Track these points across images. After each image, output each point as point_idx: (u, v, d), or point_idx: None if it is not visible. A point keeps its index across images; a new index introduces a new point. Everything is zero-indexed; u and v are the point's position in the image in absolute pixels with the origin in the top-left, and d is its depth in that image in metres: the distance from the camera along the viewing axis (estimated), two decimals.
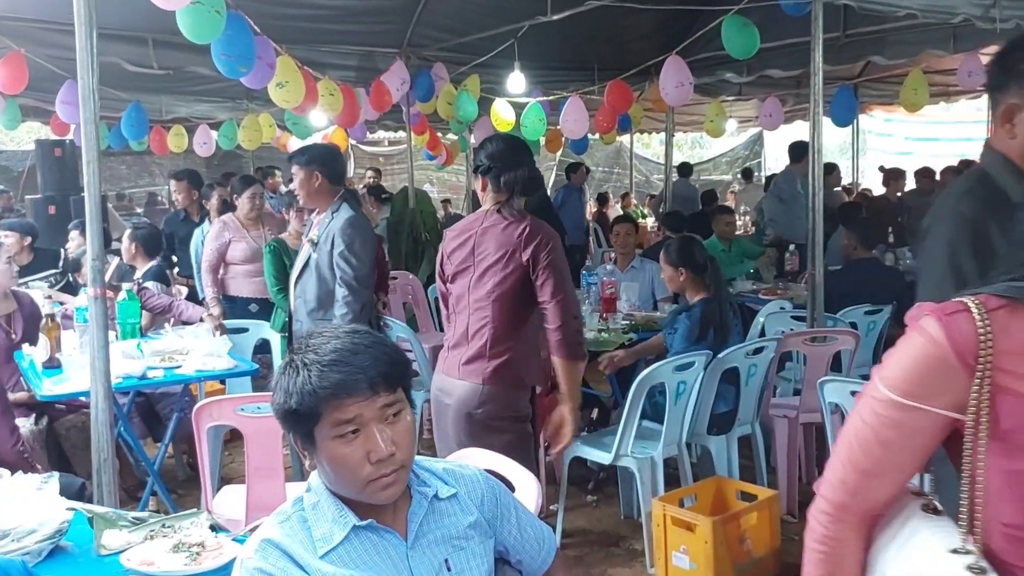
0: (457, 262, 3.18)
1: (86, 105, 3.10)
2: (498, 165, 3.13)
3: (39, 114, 8.51)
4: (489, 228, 3.11)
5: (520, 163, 3.14)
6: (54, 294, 5.53)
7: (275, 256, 4.81)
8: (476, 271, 3.11)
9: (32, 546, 2.08)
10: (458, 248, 3.19)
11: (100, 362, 3.17)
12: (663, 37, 7.53)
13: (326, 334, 1.58)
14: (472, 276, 3.13)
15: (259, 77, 5.16)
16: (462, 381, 3.10)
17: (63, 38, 5.06)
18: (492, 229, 3.10)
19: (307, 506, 1.60)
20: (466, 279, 3.15)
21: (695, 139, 23.24)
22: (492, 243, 3.08)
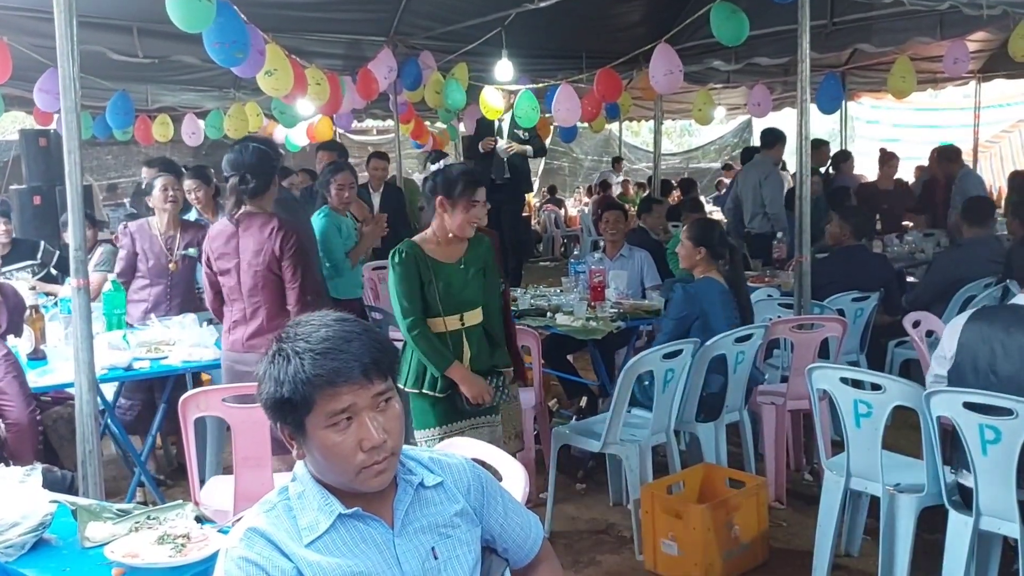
0: (221, 259, 3.78)
1: (67, 94, 3.07)
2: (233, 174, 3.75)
3: (23, 103, 8.43)
4: (248, 231, 3.75)
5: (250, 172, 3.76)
6: (39, 285, 5.50)
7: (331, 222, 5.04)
8: (247, 267, 3.74)
9: (15, 539, 2.06)
10: (222, 247, 3.78)
11: (84, 353, 3.15)
12: (651, 25, 7.53)
13: (314, 322, 1.57)
14: (240, 271, 3.75)
15: (250, 65, 5.12)
16: (250, 354, 3.68)
17: (46, 26, 4.99)
18: (248, 231, 3.75)
19: (293, 495, 1.59)
20: (234, 273, 3.77)
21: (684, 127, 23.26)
22: (252, 242, 3.72)
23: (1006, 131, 15.67)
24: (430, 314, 3.34)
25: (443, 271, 3.35)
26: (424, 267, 3.32)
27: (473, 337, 3.43)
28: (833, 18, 6.97)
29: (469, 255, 3.43)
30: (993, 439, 2.83)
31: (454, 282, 3.36)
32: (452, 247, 3.40)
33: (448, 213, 3.32)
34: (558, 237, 15.25)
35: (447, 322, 3.36)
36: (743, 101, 11.20)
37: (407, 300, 3.31)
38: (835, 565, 3.47)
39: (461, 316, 3.39)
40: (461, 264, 3.40)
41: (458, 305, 3.37)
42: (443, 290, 3.34)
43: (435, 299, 3.33)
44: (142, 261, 4.73)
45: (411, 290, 3.31)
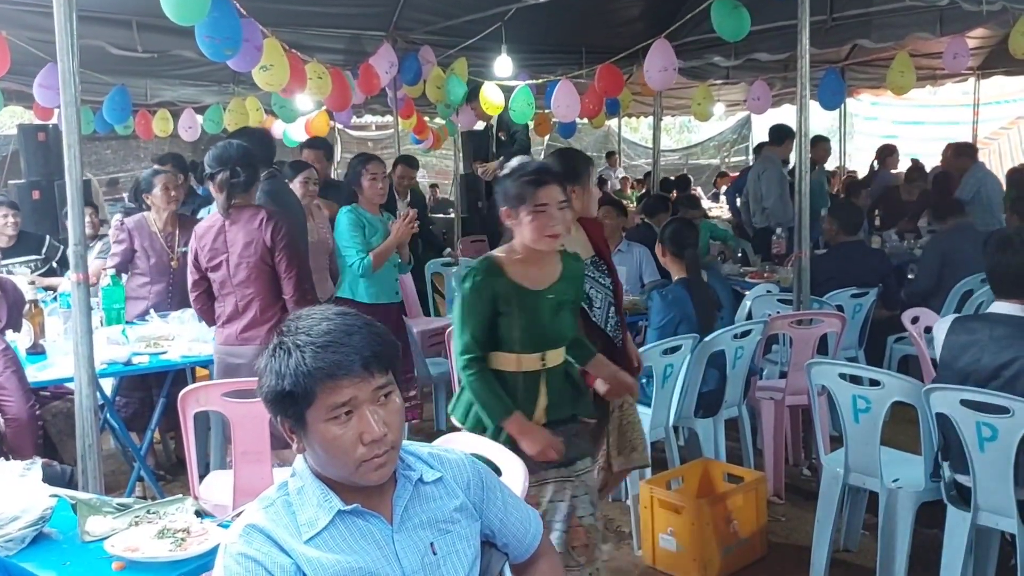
0: (211, 255, 3.77)
1: (66, 88, 3.07)
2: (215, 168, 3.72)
3: (21, 98, 8.42)
4: (236, 224, 3.71)
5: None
6: (38, 279, 5.49)
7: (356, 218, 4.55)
8: (237, 260, 3.72)
9: (15, 533, 2.07)
10: (210, 243, 3.76)
11: (84, 348, 3.15)
12: (651, 20, 7.52)
13: (315, 315, 1.58)
14: (229, 264, 3.73)
15: (246, 60, 5.11)
16: (245, 347, 3.71)
17: (45, 21, 4.99)
18: (236, 225, 3.71)
19: (292, 491, 1.60)
20: (224, 267, 3.75)
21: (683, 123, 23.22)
22: (242, 235, 3.69)
23: (1005, 128, 15.67)
24: (501, 347, 2.72)
25: (528, 300, 2.71)
26: (504, 295, 2.69)
27: (554, 381, 2.80)
28: (833, 14, 6.96)
29: (563, 282, 2.80)
30: (990, 436, 2.84)
31: (541, 315, 2.73)
32: (541, 269, 2.76)
33: (517, 226, 2.72)
34: None
35: (523, 361, 2.74)
36: (743, 97, 11.19)
37: (471, 334, 2.70)
38: (833, 560, 3.48)
39: (543, 355, 2.75)
40: (551, 293, 2.75)
41: (542, 342, 2.75)
42: (526, 324, 2.71)
43: (513, 333, 2.71)
44: (142, 259, 4.73)
45: (479, 324, 2.69)
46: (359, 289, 4.54)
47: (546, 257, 2.75)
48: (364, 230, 4.49)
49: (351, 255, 4.44)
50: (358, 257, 4.42)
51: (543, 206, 2.65)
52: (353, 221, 4.49)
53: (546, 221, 2.65)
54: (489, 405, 2.71)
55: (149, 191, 4.79)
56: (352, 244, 4.45)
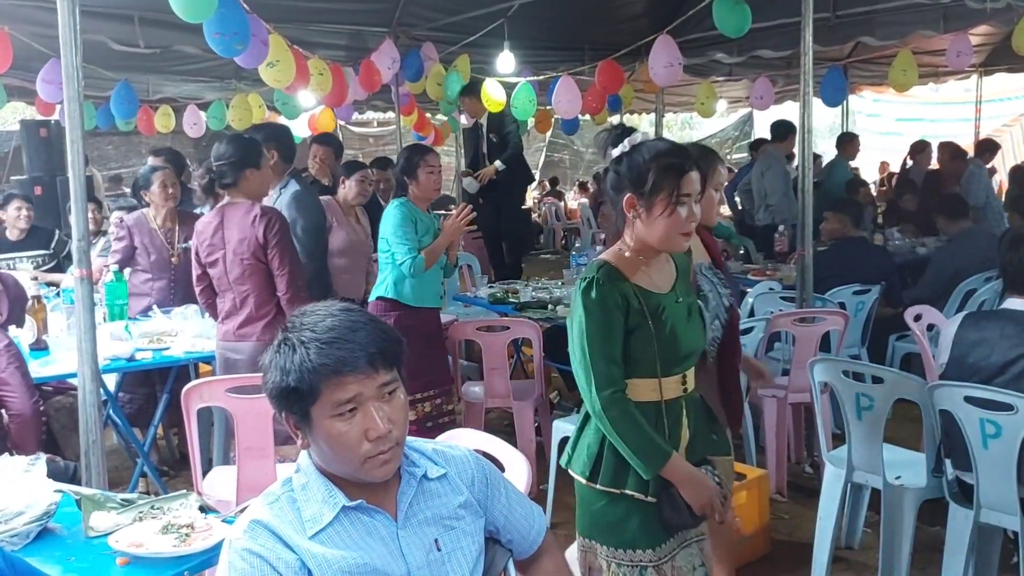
0: (209, 251, 3.77)
1: (69, 83, 3.07)
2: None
3: (24, 94, 8.42)
4: (231, 221, 3.71)
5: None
6: (41, 275, 5.50)
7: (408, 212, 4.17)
8: (233, 256, 3.71)
9: (20, 528, 2.07)
10: (208, 238, 3.76)
11: (87, 344, 3.15)
12: (653, 17, 7.50)
13: (319, 312, 1.57)
14: (226, 261, 3.73)
15: (253, 56, 5.10)
16: (243, 343, 3.72)
17: (47, 16, 4.99)
18: (231, 221, 3.70)
19: (296, 487, 1.60)
20: (221, 263, 3.74)
21: (685, 119, 23.20)
22: (237, 231, 3.68)
23: (1007, 125, 15.66)
24: (637, 373, 2.21)
25: (660, 307, 2.21)
26: (633, 304, 2.18)
27: (692, 409, 2.31)
28: (836, 11, 6.95)
29: (682, 280, 2.33)
30: (994, 434, 2.84)
31: (677, 323, 2.23)
32: (660, 269, 2.28)
33: (642, 218, 2.19)
34: (559, 230, 15.25)
35: (665, 387, 2.22)
36: (745, 94, 11.19)
37: (607, 360, 2.16)
38: (836, 557, 3.48)
39: (683, 376, 2.26)
40: (677, 296, 2.27)
41: (681, 358, 2.25)
42: (664, 336, 2.20)
43: (651, 351, 2.19)
44: (142, 255, 4.74)
45: (616, 344, 2.17)
46: (404, 290, 4.16)
47: (658, 255, 2.27)
48: (416, 226, 4.14)
49: (402, 252, 4.06)
50: (409, 255, 4.05)
51: (685, 197, 2.16)
52: (405, 216, 4.12)
53: (686, 216, 2.16)
54: (646, 450, 2.15)
55: (147, 188, 4.81)
56: (403, 240, 4.07)
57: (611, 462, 2.22)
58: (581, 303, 2.19)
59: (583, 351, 2.18)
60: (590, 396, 2.18)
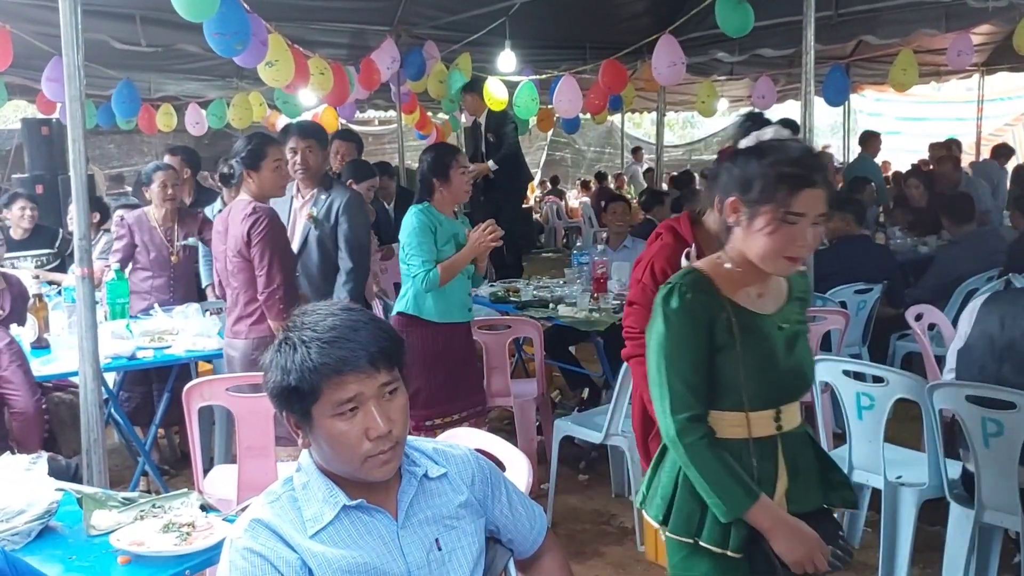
0: (218, 248, 3.83)
1: (71, 82, 3.07)
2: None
3: (25, 92, 8.43)
4: (231, 217, 3.72)
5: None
6: (43, 274, 5.51)
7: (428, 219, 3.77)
8: (227, 253, 3.74)
9: (21, 527, 2.07)
10: (216, 237, 3.83)
11: (88, 342, 3.16)
12: (655, 16, 7.50)
13: (320, 311, 1.57)
14: (225, 257, 3.76)
15: (252, 55, 5.11)
16: (236, 340, 3.75)
17: (49, 15, 4.99)
18: (233, 217, 3.71)
19: (297, 486, 1.60)
20: (223, 260, 3.81)
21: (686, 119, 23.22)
22: (233, 228, 3.69)
23: (1009, 124, 15.65)
24: (721, 404, 1.92)
25: (754, 328, 1.92)
26: (724, 322, 1.90)
27: (793, 449, 1.98)
28: (838, 10, 6.94)
29: (793, 304, 2.02)
30: (996, 432, 2.84)
31: (775, 350, 1.94)
32: (765, 286, 1.97)
33: (746, 228, 1.88)
34: (559, 228, 15.24)
35: (753, 422, 1.92)
36: (747, 93, 11.18)
37: (686, 381, 1.89)
38: None
39: (777, 412, 1.95)
40: (781, 321, 1.97)
41: (777, 391, 1.95)
42: (755, 363, 1.90)
43: (736, 380, 1.90)
44: (143, 253, 4.76)
45: (698, 365, 1.89)
46: (425, 304, 3.75)
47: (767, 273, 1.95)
48: (435, 235, 3.73)
49: (414, 265, 3.68)
50: (423, 269, 3.66)
51: (796, 216, 1.83)
52: (423, 224, 3.70)
53: (794, 237, 1.84)
54: (725, 487, 1.85)
55: (148, 185, 4.83)
56: (418, 252, 3.68)
57: (685, 503, 1.93)
58: (660, 312, 1.92)
59: (658, 368, 1.91)
60: (664, 420, 1.91)
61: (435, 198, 3.80)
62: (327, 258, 4.18)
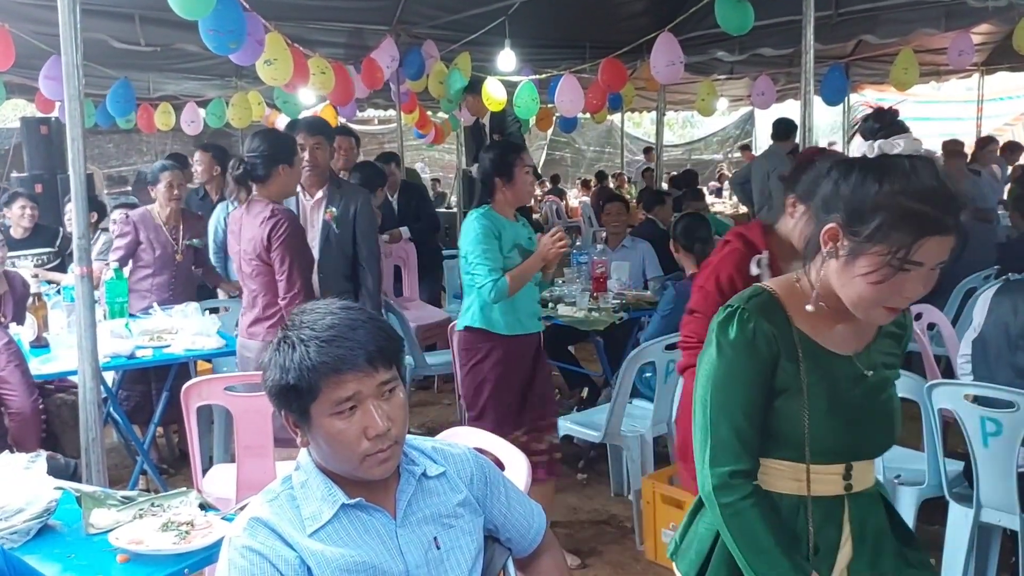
0: (233, 248, 3.82)
1: (70, 81, 3.07)
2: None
3: (24, 91, 8.43)
4: (248, 217, 3.69)
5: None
6: (42, 273, 5.51)
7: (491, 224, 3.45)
8: (243, 254, 3.71)
9: (20, 525, 2.07)
10: (231, 236, 3.83)
11: (88, 341, 3.15)
12: (655, 15, 7.49)
13: (319, 310, 1.57)
14: (240, 258, 3.75)
15: (248, 54, 5.11)
16: (251, 341, 3.72)
17: (48, 14, 4.99)
18: (248, 217, 3.69)
19: (296, 484, 1.60)
20: (238, 260, 3.79)
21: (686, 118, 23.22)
22: (248, 229, 3.67)
23: (1009, 124, 15.66)
24: (777, 452, 1.64)
25: (828, 370, 1.62)
26: (786, 356, 1.60)
27: (864, 514, 1.68)
28: (838, 9, 6.94)
29: (882, 342, 1.70)
30: (995, 431, 2.84)
31: (849, 396, 1.63)
32: (850, 321, 1.63)
33: (843, 265, 1.54)
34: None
35: (816, 477, 1.63)
36: (746, 92, 11.19)
37: (732, 424, 1.60)
38: None
39: (847, 468, 1.64)
40: (866, 364, 1.65)
41: (849, 446, 1.64)
42: (824, 410, 1.60)
43: (798, 428, 1.61)
44: (147, 250, 4.76)
45: (747, 404, 1.60)
46: (494, 316, 3.47)
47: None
48: (500, 241, 3.44)
49: (481, 274, 3.38)
50: (490, 279, 3.36)
51: (915, 265, 1.48)
52: (487, 229, 3.41)
53: (903, 287, 1.49)
54: (768, 560, 1.57)
55: (155, 184, 4.83)
56: (483, 260, 3.38)
57: (723, 566, 1.66)
58: (715, 339, 1.62)
59: (704, 407, 1.62)
60: (701, 470, 1.63)
61: (496, 199, 3.51)
62: (346, 258, 4.17)
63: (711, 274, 2.57)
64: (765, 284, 1.70)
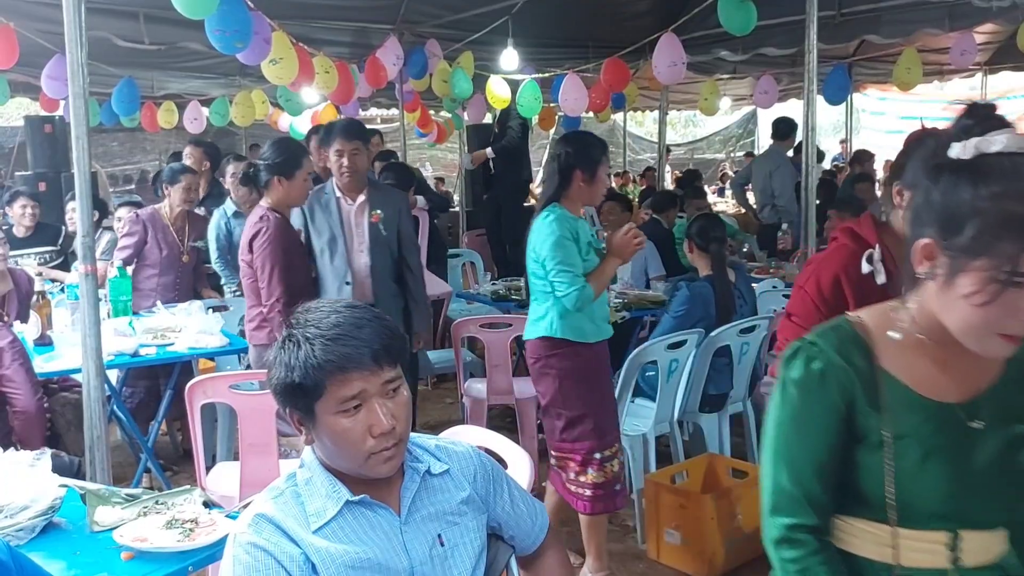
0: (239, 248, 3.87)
1: (75, 80, 3.08)
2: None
3: (28, 90, 8.44)
4: (247, 221, 3.78)
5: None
6: (45, 271, 5.52)
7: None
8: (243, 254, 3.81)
9: (25, 522, 2.08)
10: (243, 238, 3.86)
11: (92, 339, 3.16)
12: (658, 14, 7.49)
13: (324, 308, 1.58)
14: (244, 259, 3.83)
15: (255, 53, 5.11)
16: (249, 343, 3.90)
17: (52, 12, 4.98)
18: (247, 221, 3.77)
19: (300, 481, 1.61)
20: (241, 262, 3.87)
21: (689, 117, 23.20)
22: (244, 235, 3.76)
23: None
24: (857, 511, 1.42)
25: (923, 420, 1.37)
26: (863, 403, 1.37)
27: None
28: (841, 9, 6.94)
29: (1003, 389, 1.39)
30: None
31: (948, 453, 1.36)
32: (959, 361, 1.36)
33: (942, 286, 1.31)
34: None
35: (907, 544, 1.38)
36: (749, 91, 11.18)
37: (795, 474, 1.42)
38: None
39: (953, 537, 1.37)
40: (980, 414, 1.37)
41: (956, 510, 1.36)
42: (912, 465, 1.36)
43: (878, 480, 1.37)
44: (154, 250, 4.78)
45: (817, 455, 1.40)
46: (577, 323, 3.25)
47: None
48: (577, 244, 3.19)
49: (564, 282, 3.13)
50: (575, 287, 3.12)
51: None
52: (565, 232, 3.16)
53: (1018, 307, 1.25)
54: None
55: (172, 184, 4.85)
56: (567, 266, 3.13)
57: None
58: (780, 379, 1.43)
59: (768, 451, 1.45)
60: (764, 517, 1.46)
61: (570, 195, 3.25)
62: (393, 260, 4.15)
63: (812, 274, 2.31)
64: (851, 314, 1.45)
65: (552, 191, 3.27)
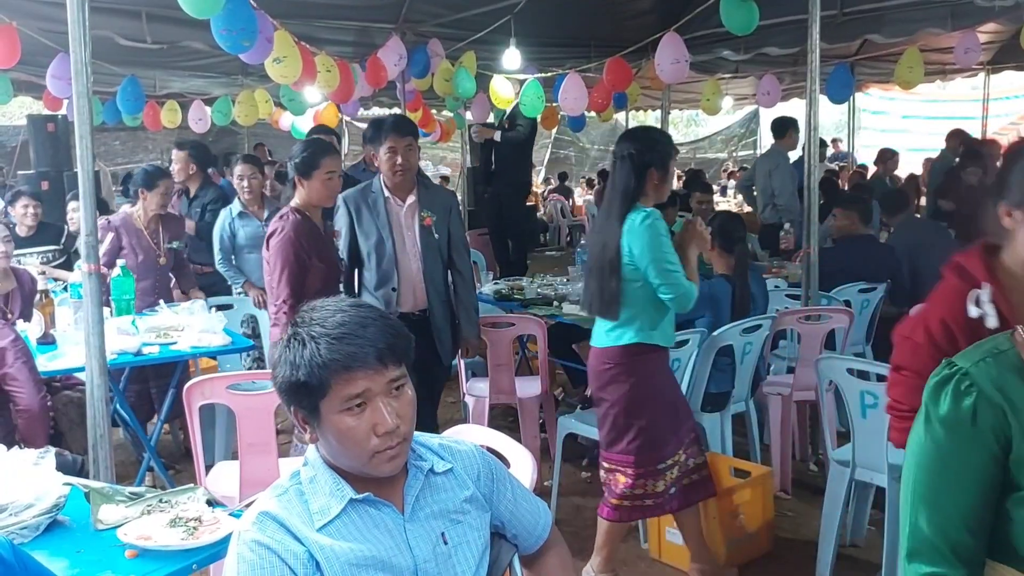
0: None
1: (78, 79, 3.08)
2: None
3: (31, 88, 8.45)
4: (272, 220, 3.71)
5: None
6: (48, 270, 5.53)
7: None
8: None
9: (29, 520, 2.08)
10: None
11: (95, 338, 3.17)
12: (661, 14, 7.49)
13: (329, 307, 1.58)
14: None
15: (258, 52, 5.11)
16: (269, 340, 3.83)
17: (55, 11, 5.00)
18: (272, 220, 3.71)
19: (304, 480, 1.61)
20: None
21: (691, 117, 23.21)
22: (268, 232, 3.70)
23: (1014, 123, 15.61)
24: (1008, 559, 1.27)
25: None
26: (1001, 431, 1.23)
27: None
28: (844, 8, 6.94)
29: None
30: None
31: None
32: None
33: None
34: (564, 227, 15.25)
35: None
36: (751, 91, 11.19)
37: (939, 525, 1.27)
38: (840, 555, 3.48)
39: None
40: None
41: None
42: None
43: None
44: (130, 256, 4.72)
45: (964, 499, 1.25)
46: (659, 328, 3.19)
47: None
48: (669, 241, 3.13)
49: (672, 282, 3.03)
50: (685, 287, 3.05)
51: None
52: (663, 232, 3.07)
53: None
54: None
55: (149, 188, 4.79)
56: (672, 265, 3.05)
57: None
58: (923, 413, 1.28)
59: (906, 488, 1.30)
60: (900, 559, 1.32)
61: (644, 194, 3.13)
62: (443, 263, 4.00)
63: (919, 322, 1.93)
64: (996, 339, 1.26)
65: (631, 191, 3.11)
